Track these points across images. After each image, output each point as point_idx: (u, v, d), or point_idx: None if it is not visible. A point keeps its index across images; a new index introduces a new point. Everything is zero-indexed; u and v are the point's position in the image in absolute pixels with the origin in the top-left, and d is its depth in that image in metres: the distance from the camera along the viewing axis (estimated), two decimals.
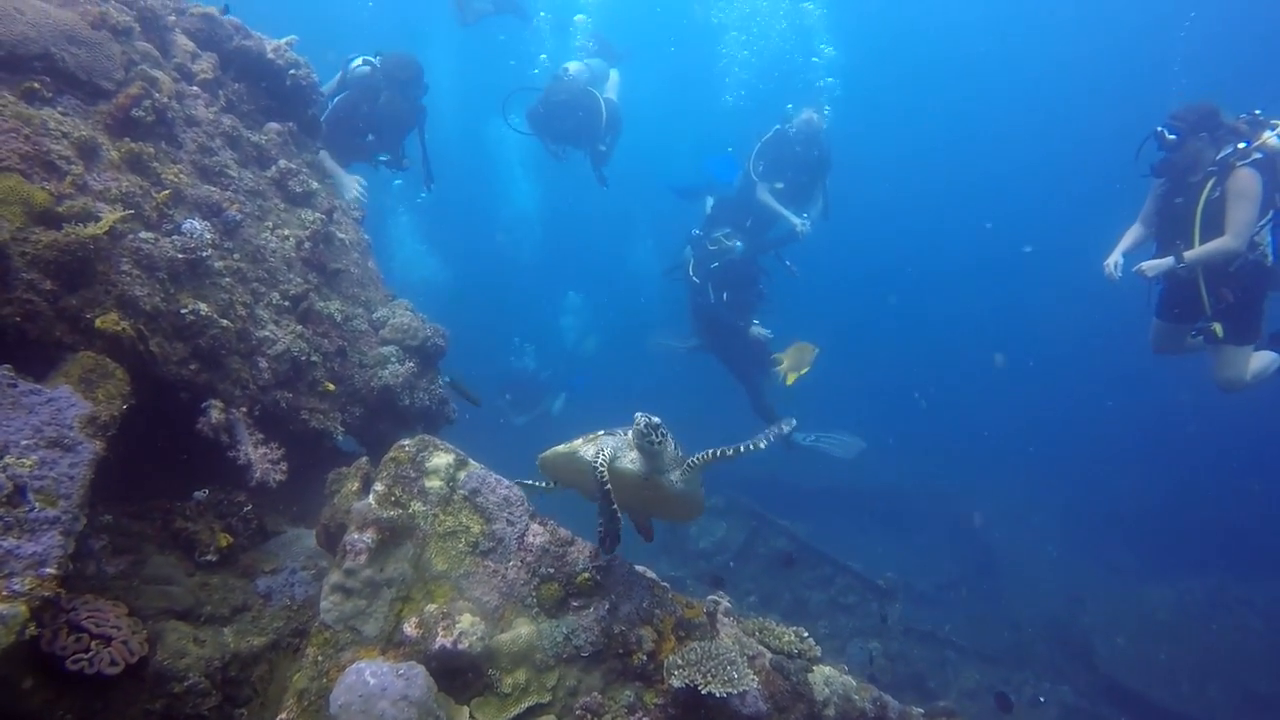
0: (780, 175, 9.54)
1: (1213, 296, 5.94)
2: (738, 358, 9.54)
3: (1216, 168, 5.78)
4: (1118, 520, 14.75)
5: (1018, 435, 18.74)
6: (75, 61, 3.51)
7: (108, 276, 3.07)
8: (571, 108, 9.08)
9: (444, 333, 4.79)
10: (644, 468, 3.21)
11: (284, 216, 4.42)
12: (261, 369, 3.76)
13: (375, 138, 7.49)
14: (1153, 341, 6.83)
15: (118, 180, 3.37)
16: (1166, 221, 6.15)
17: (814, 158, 9.58)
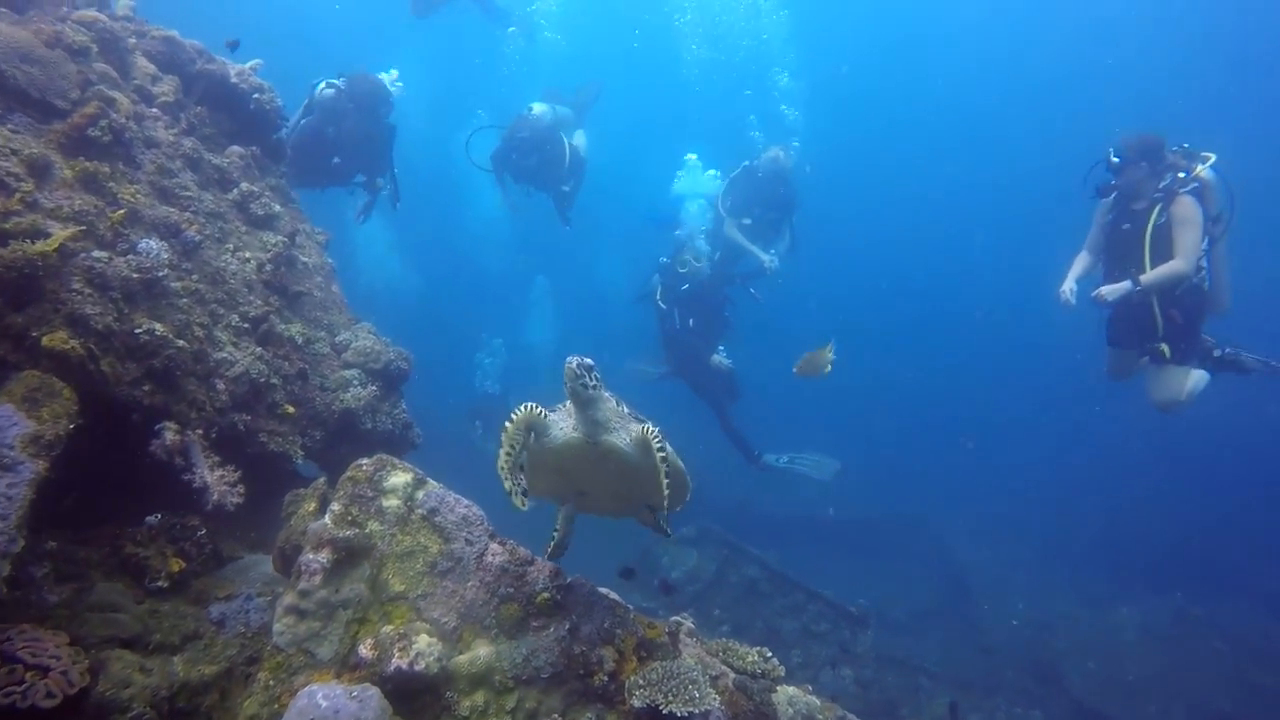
0: (748, 211, 9.68)
1: (1165, 318, 6.14)
2: (705, 383, 9.57)
3: (1161, 195, 6.05)
4: (1084, 542, 14.94)
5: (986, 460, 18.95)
6: (27, 79, 3.48)
7: (57, 295, 3.01)
8: (534, 145, 9.10)
9: (407, 356, 4.75)
10: (586, 429, 2.94)
11: (245, 239, 4.38)
12: (219, 391, 3.69)
13: (341, 160, 7.50)
14: (1109, 370, 7.06)
15: (70, 199, 3.32)
16: (1115, 247, 6.39)
17: (781, 195, 9.73)
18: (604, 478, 3.17)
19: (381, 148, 7.88)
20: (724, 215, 9.67)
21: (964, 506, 15.91)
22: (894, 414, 20.74)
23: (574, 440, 2.96)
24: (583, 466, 3.06)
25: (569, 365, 2.85)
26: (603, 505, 3.49)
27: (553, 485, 3.32)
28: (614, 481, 3.20)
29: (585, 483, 3.22)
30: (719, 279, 9.43)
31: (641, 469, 3.05)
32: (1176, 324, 6.14)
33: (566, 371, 2.84)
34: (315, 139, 7.45)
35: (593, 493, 3.32)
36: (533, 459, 3.14)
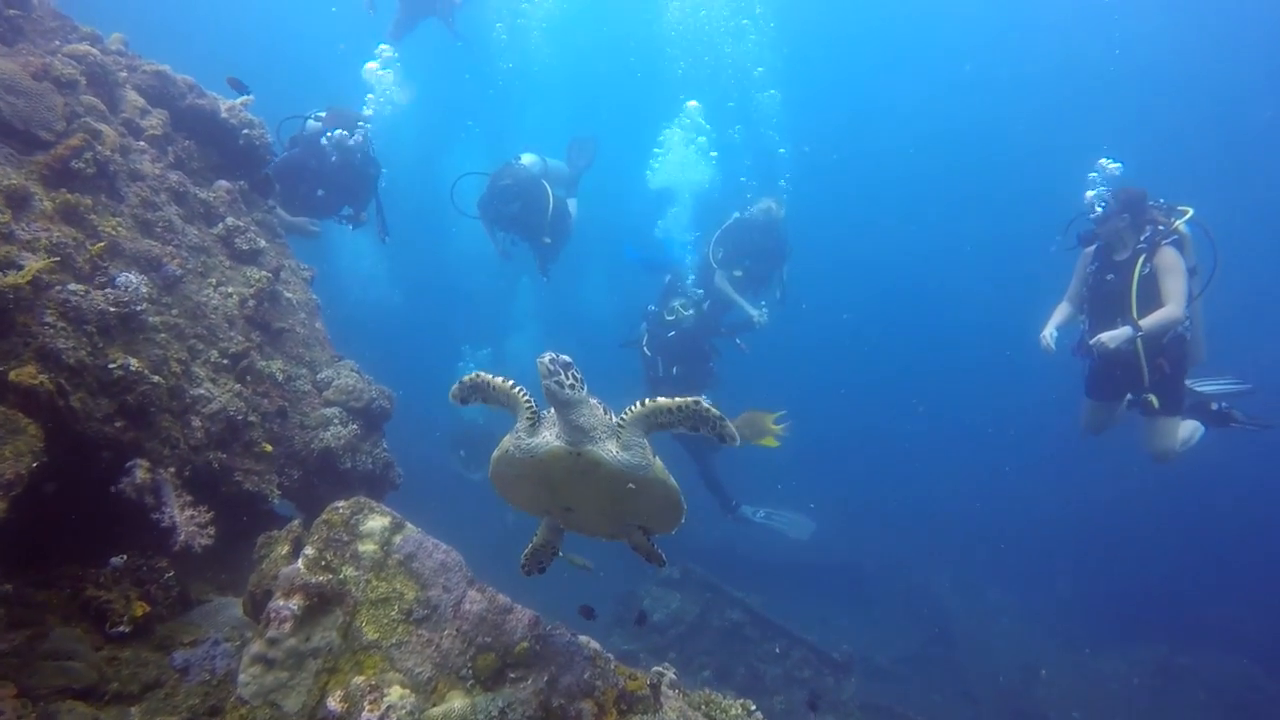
0: (738, 263, 9.71)
1: (1151, 368, 6.18)
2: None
3: (1145, 246, 6.15)
4: (1068, 589, 14.88)
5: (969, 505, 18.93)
6: (11, 110, 3.45)
7: (28, 328, 2.94)
8: (515, 193, 8.96)
9: (390, 395, 4.68)
10: (569, 436, 2.68)
11: (229, 274, 4.33)
12: (194, 428, 3.61)
13: (326, 193, 7.53)
14: (1085, 423, 7.10)
15: (49, 230, 3.27)
16: (1100, 298, 6.47)
17: (772, 246, 9.75)
18: (590, 493, 2.92)
19: (365, 183, 7.92)
20: (714, 266, 9.69)
21: (947, 551, 15.85)
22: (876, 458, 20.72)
23: (557, 448, 2.72)
24: (567, 479, 2.82)
25: (541, 361, 2.59)
26: (590, 524, 3.24)
27: (536, 498, 3.10)
28: (601, 498, 2.95)
29: (570, 497, 2.99)
30: (706, 329, 9.38)
31: (629, 486, 2.81)
32: (1164, 373, 6.19)
33: (539, 368, 2.58)
34: (299, 171, 7.51)
35: (579, 509, 3.09)
36: (515, 466, 2.90)
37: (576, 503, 3.00)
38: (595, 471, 2.74)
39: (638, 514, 3.09)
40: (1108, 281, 6.35)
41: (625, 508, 3.01)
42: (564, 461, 2.72)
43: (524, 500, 3.14)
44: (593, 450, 2.70)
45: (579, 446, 2.70)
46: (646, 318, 9.45)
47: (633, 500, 2.93)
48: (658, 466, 2.88)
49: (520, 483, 2.97)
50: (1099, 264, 6.44)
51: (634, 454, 2.74)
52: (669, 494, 2.94)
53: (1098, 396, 6.79)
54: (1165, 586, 14.62)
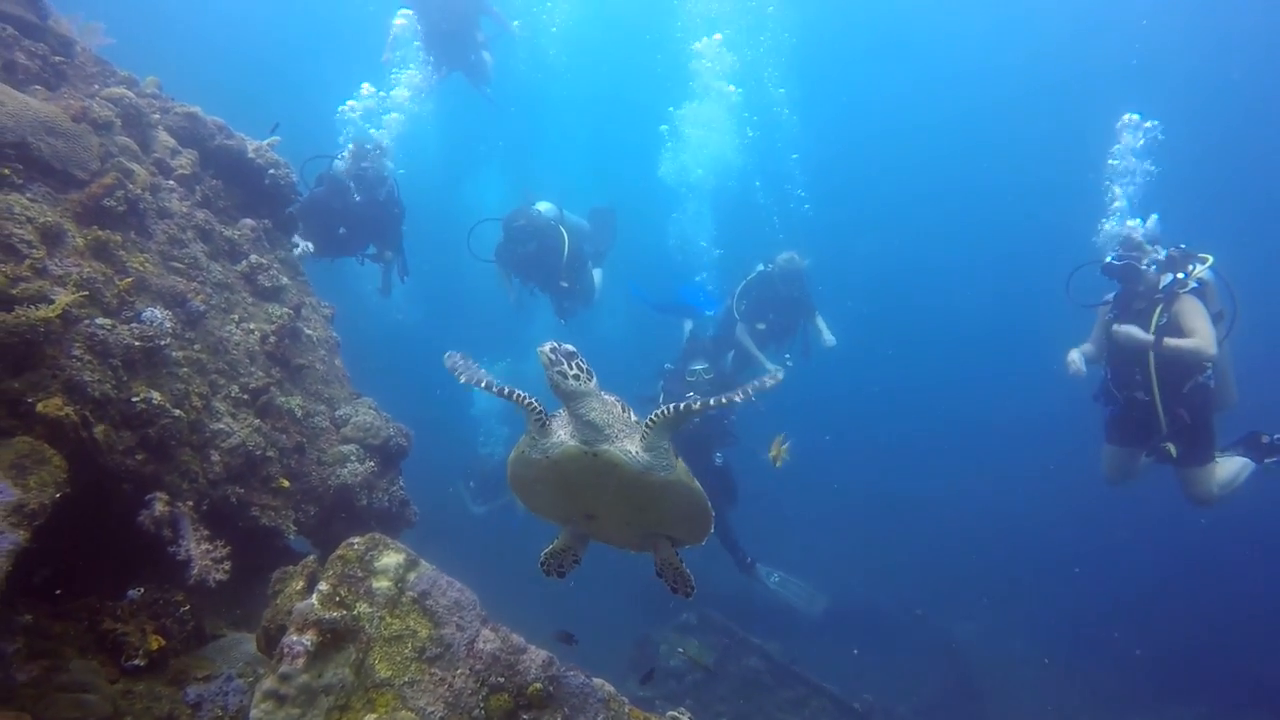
0: (762, 315, 9.71)
1: (1169, 416, 6.07)
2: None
3: (1163, 295, 6.07)
4: (1098, 640, 14.39)
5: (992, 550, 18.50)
6: (50, 151, 3.55)
7: (56, 361, 2.99)
8: (530, 233, 8.92)
9: (407, 432, 4.69)
10: (583, 434, 2.54)
11: (251, 310, 4.39)
12: (214, 462, 3.63)
13: (348, 231, 7.65)
14: (1106, 473, 6.96)
15: (80, 266, 3.34)
16: (1119, 348, 6.35)
17: (796, 296, 9.75)
18: (610, 498, 2.76)
19: (388, 221, 8.03)
20: (738, 318, 9.71)
21: (968, 596, 15.47)
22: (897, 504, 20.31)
23: (571, 448, 2.57)
24: (585, 482, 2.67)
25: (542, 351, 2.44)
26: (614, 533, 3.07)
27: (556, 504, 2.98)
28: (622, 504, 2.80)
29: (591, 503, 2.83)
30: (723, 389, 9.33)
31: (651, 489, 2.65)
32: (1183, 423, 6.06)
33: (540, 358, 2.44)
34: (323, 209, 7.65)
35: (601, 517, 2.93)
36: (531, 468, 2.78)
37: (597, 509, 2.86)
38: (613, 474, 2.59)
39: (662, 522, 2.93)
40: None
41: (649, 516, 2.87)
42: (579, 462, 2.59)
43: (544, 506, 3.01)
44: (609, 450, 2.56)
45: (594, 446, 2.56)
46: (663, 376, 9.33)
47: (656, 507, 2.78)
48: (681, 469, 2.73)
49: (538, 487, 2.86)
50: (1117, 313, 6.36)
51: (655, 455, 2.60)
52: (694, 499, 2.78)
53: (1117, 441, 6.67)
54: (1207, 639, 14.01)
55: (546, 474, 2.75)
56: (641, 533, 3.06)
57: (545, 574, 3.20)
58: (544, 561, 3.17)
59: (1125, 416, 6.43)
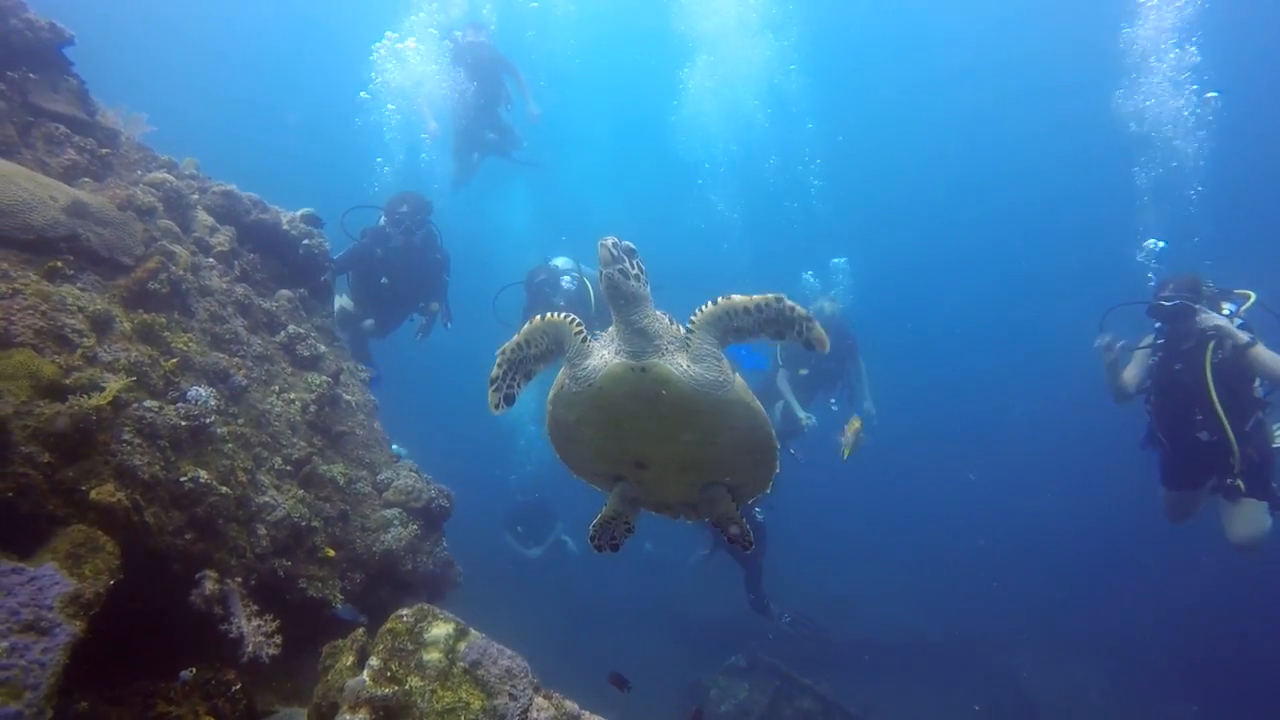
0: (804, 361, 9.74)
1: (1242, 454, 5.83)
2: None
3: (1213, 333, 5.83)
4: (1168, 668, 13.75)
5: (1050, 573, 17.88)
6: (99, 240, 3.67)
7: (108, 446, 3.05)
8: (553, 286, 8.86)
9: (448, 493, 4.70)
10: (632, 346, 2.29)
11: (290, 380, 4.46)
12: (260, 536, 3.65)
13: (390, 281, 7.73)
14: (1170, 513, 6.70)
15: (127, 350, 3.42)
16: (1167, 389, 6.13)
17: (834, 342, 9.66)
18: (663, 432, 2.46)
19: (431, 269, 8.12)
20: (779, 365, 9.73)
21: (1025, 624, 14.93)
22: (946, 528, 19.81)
23: (616, 368, 2.31)
24: (633, 414, 2.39)
25: (603, 244, 2.22)
26: (669, 485, 2.76)
27: (602, 450, 2.69)
28: (676, 441, 2.49)
29: (642, 443, 2.54)
30: None
31: (708, 413, 2.36)
32: (1253, 461, 5.84)
33: (600, 253, 2.22)
34: (365, 259, 7.80)
35: (652, 461, 2.64)
36: (573, 404, 2.51)
37: (649, 450, 2.59)
38: (664, 395, 2.32)
39: (721, 463, 2.65)
40: (1175, 372, 6.03)
41: (707, 455, 2.58)
42: (627, 384, 2.33)
43: (588, 457, 2.75)
44: (659, 364, 2.30)
45: (643, 359, 2.30)
46: None
47: (715, 440, 2.50)
48: (739, 385, 2.43)
49: (582, 431, 2.60)
50: (1164, 354, 6.12)
51: (707, 367, 2.32)
52: (756, 424, 2.47)
53: (1177, 485, 6.40)
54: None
55: (590, 411, 2.50)
56: (699, 483, 2.76)
57: (596, 549, 2.95)
58: (594, 534, 2.92)
59: (1184, 460, 6.19)
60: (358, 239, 7.94)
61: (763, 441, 2.57)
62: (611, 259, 2.24)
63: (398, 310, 8.45)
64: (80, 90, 4.43)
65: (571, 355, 2.48)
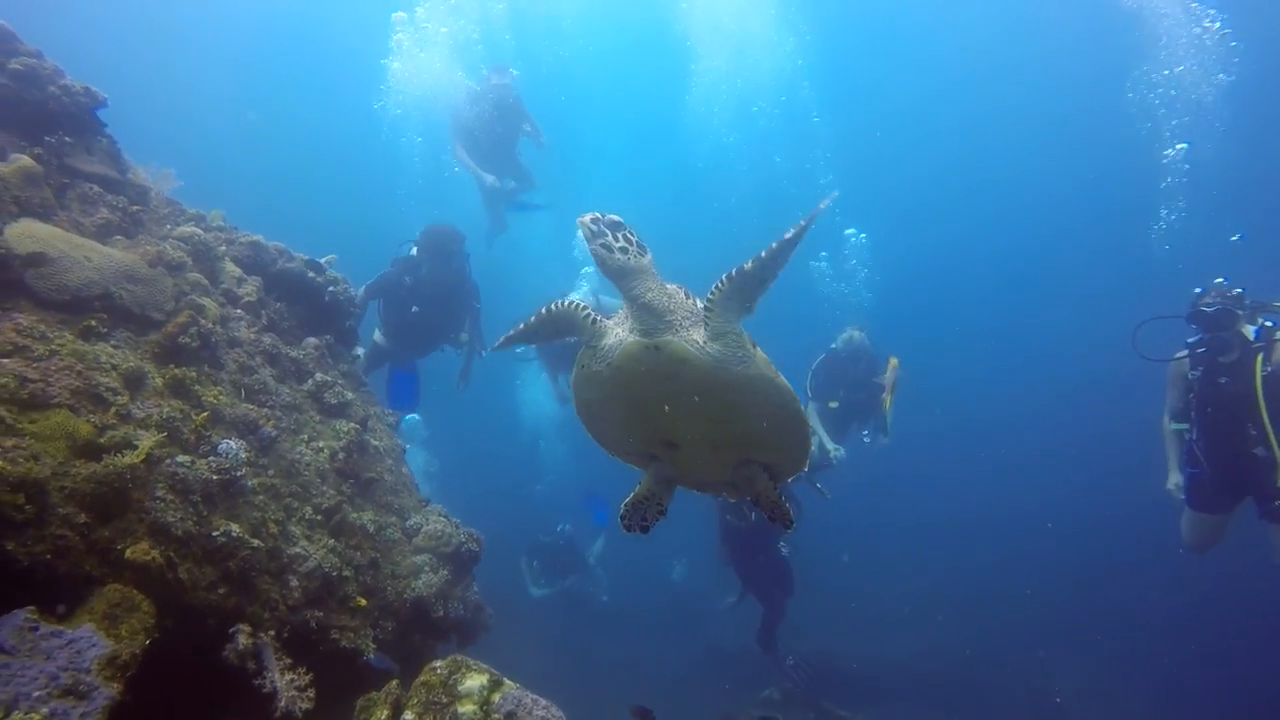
0: (833, 393, 9.66)
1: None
2: (764, 578, 9.17)
3: (1261, 343, 5.66)
4: (1216, 688, 13.27)
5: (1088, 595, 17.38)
6: (131, 298, 3.73)
7: (142, 504, 3.07)
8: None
9: (478, 537, 4.69)
10: (643, 323, 2.25)
11: (319, 428, 4.49)
12: (292, 588, 3.65)
13: (420, 309, 7.77)
14: (1194, 541, 6.40)
15: (160, 406, 3.46)
16: (1211, 405, 5.92)
17: (864, 373, 9.67)
18: (686, 408, 2.38)
19: (460, 297, 8.19)
20: (809, 397, 9.68)
21: (1066, 648, 14.51)
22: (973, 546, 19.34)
23: (630, 347, 2.27)
24: (654, 392, 2.33)
25: (582, 222, 2.20)
26: (702, 464, 2.69)
27: (630, 431, 2.63)
28: (700, 418, 2.42)
29: (667, 423, 2.48)
30: None
31: (729, 390, 2.29)
32: None
33: (581, 231, 2.20)
34: (394, 288, 7.87)
35: (682, 440, 2.57)
36: (595, 385, 2.49)
37: (676, 429, 2.52)
38: (681, 373, 2.26)
39: (751, 440, 2.57)
40: (1220, 386, 5.81)
41: (734, 431, 2.51)
42: (644, 363, 2.28)
43: (617, 436, 2.70)
44: (673, 341, 2.25)
45: (655, 336, 2.25)
46: None
47: (739, 416, 2.43)
48: (761, 359, 2.36)
49: (607, 410, 2.56)
50: (1206, 369, 5.90)
51: (726, 344, 2.26)
52: (782, 399, 2.40)
53: (1216, 508, 6.14)
54: None
55: (611, 390, 2.45)
56: (732, 461, 2.69)
57: (626, 529, 2.85)
58: (624, 514, 2.82)
59: (1225, 481, 5.97)
60: (387, 267, 8.04)
61: (791, 418, 2.50)
62: (592, 235, 2.22)
63: (428, 340, 8.51)
64: (113, 150, 4.54)
65: (588, 337, 2.47)
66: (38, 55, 4.25)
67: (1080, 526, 19.91)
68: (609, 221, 2.25)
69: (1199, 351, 5.89)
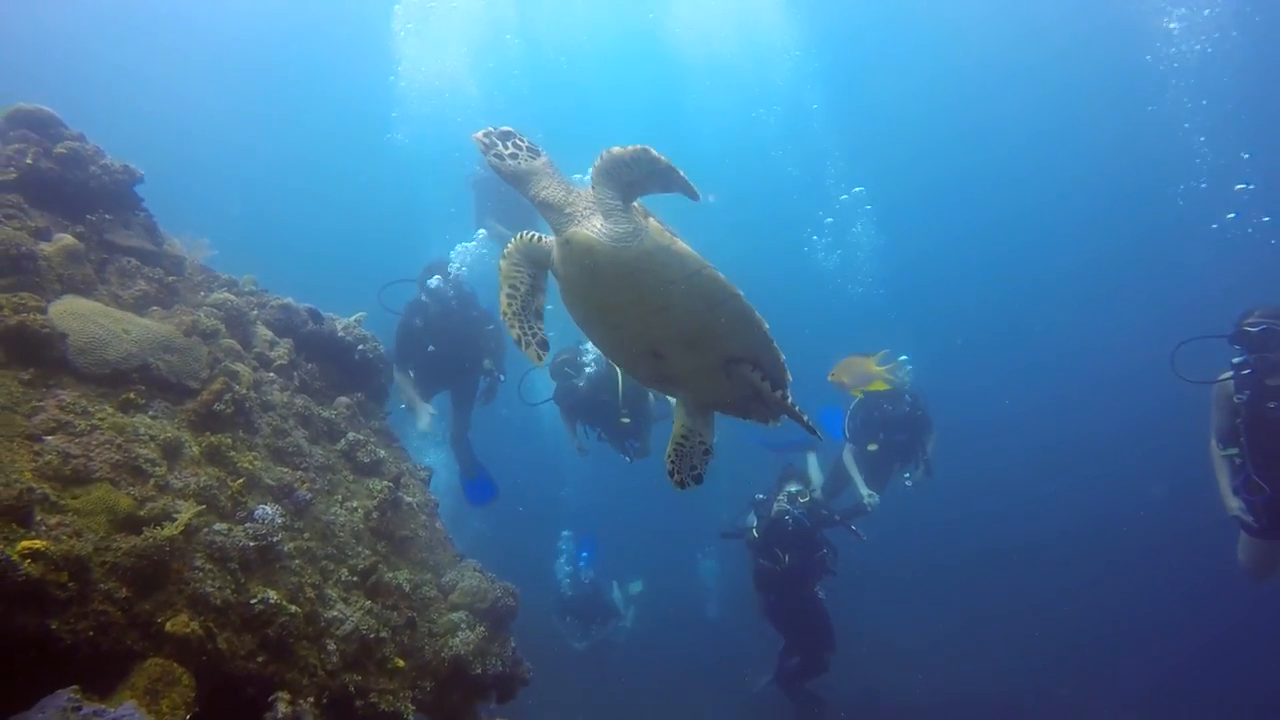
0: (872, 435, 9.44)
1: None
2: (798, 624, 8.92)
3: None
4: None
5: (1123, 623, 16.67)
6: (168, 368, 3.81)
7: (181, 574, 3.09)
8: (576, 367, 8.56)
9: (514, 591, 4.66)
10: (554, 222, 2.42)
11: (353, 488, 4.52)
12: (330, 652, 3.64)
13: (437, 348, 7.84)
14: (1254, 569, 6.14)
15: (196, 475, 3.50)
16: (1263, 433, 5.69)
17: (903, 413, 9.44)
18: (629, 303, 2.54)
19: (474, 330, 8.30)
20: (847, 440, 9.53)
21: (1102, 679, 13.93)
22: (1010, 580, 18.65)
23: (558, 250, 2.43)
24: (599, 293, 2.48)
25: (474, 138, 2.35)
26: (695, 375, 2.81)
27: (611, 341, 2.79)
28: (645, 310, 2.54)
29: (630, 324, 2.61)
30: (819, 520, 8.56)
31: (646, 272, 2.40)
32: None
33: (477, 148, 2.35)
34: (408, 331, 7.99)
35: (660, 346, 2.69)
36: (567, 299, 2.68)
37: (641, 331, 2.65)
38: (598, 263, 2.38)
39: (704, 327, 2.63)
40: (1270, 410, 5.59)
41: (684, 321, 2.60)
42: (573, 264, 2.42)
43: (617, 355, 2.90)
44: (577, 233, 2.38)
45: (564, 230, 2.40)
46: (754, 505, 8.88)
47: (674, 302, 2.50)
48: (654, 229, 2.44)
49: (590, 329, 2.76)
50: (1252, 393, 5.68)
51: (617, 220, 2.36)
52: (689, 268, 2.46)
53: (1274, 536, 5.86)
54: None
55: (572, 302, 2.63)
56: (715, 364, 2.77)
57: (679, 485, 2.88)
58: (671, 468, 2.84)
59: None
60: (400, 314, 8.16)
61: (710, 287, 2.54)
62: (485, 148, 2.36)
63: (458, 376, 8.62)
64: (149, 224, 4.68)
65: (548, 262, 2.65)
66: (80, 138, 4.42)
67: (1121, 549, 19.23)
68: (499, 133, 2.39)
69: (1244, 374, 5.67)
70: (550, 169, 2.48)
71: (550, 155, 2.52)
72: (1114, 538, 18.54)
